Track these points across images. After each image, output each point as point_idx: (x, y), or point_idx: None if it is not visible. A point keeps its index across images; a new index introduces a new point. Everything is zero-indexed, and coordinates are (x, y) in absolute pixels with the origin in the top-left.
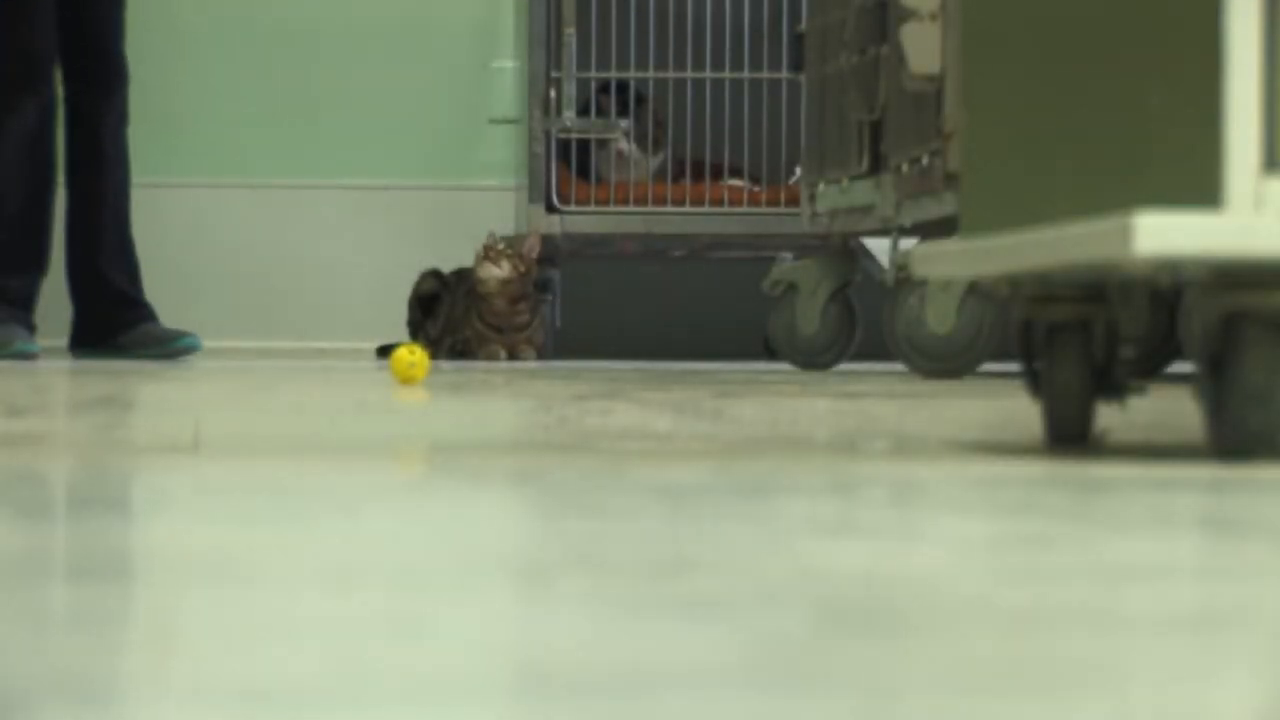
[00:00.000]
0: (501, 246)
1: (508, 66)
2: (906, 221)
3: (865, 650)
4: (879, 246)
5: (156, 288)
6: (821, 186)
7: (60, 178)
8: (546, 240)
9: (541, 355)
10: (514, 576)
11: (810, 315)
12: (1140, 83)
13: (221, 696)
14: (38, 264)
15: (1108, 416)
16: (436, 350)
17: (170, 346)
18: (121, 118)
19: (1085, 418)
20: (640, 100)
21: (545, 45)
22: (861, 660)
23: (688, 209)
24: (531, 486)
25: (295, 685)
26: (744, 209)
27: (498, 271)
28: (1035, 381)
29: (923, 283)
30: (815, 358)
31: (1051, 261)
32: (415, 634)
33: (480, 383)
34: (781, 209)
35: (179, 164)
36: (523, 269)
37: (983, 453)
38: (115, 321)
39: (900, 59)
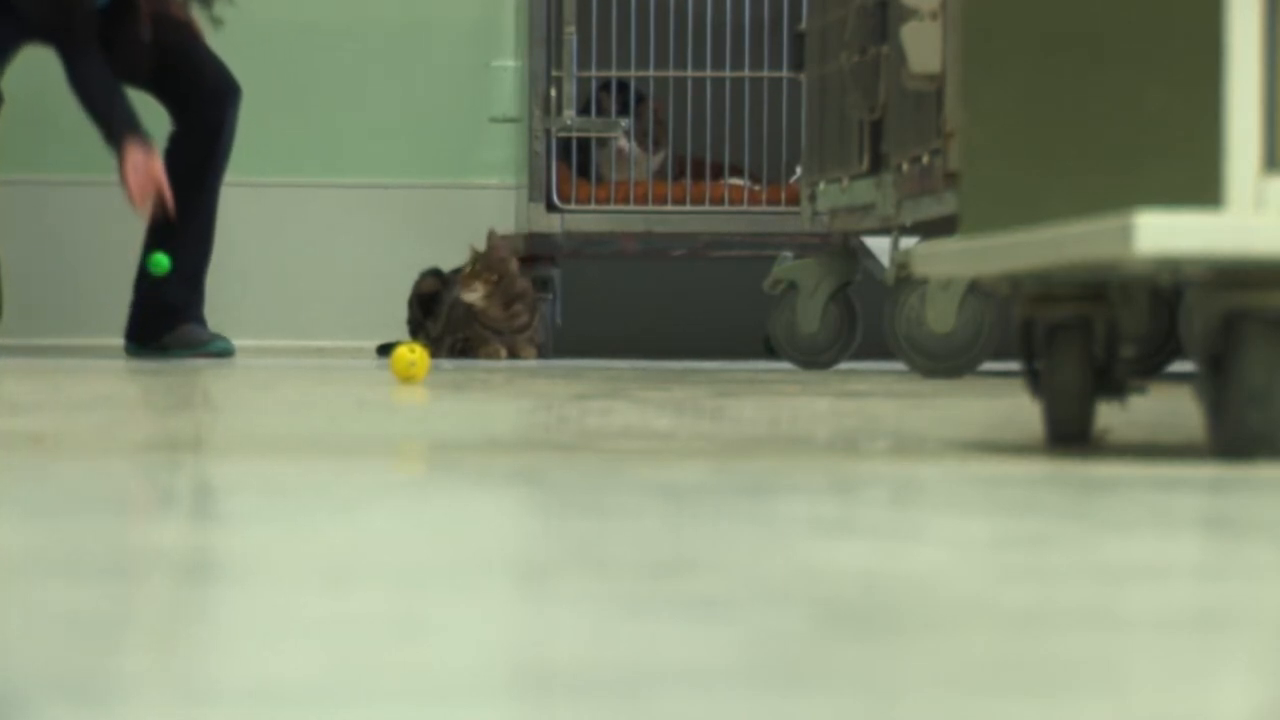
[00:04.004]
0: (469, 269)
1: (508, 65)
2: (907, 220)
3: (865, 650)
4: (879, 245)
5: None
6: (822, 185)
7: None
8: (547, 239)
9: (542, 354)
10: (514, 576)
11: (810, 314)
12: (1140, 83)
13: (222, 696)
14: None
15: (1108, 416)
16: (437, 349)
17: (201, 350)
18: (229, 136)
19: (1085, 417)
20: (640, 99)
21: (545, 44)
22: (861, 660)
23: (688, 208)
24: (531, 486)
25: (295, 685)
26: (744, 208)
27: (473, 295)
28: (1035, 381)
29: (923, 282)
30: (815, 357)
31: (1052, 261)
32: (415, 634)
33: (480, 382)
34: (782, 208)
35: None
36: (495, 278)
37: (983, 452)
38: (164, 323)
39: (900, 58)
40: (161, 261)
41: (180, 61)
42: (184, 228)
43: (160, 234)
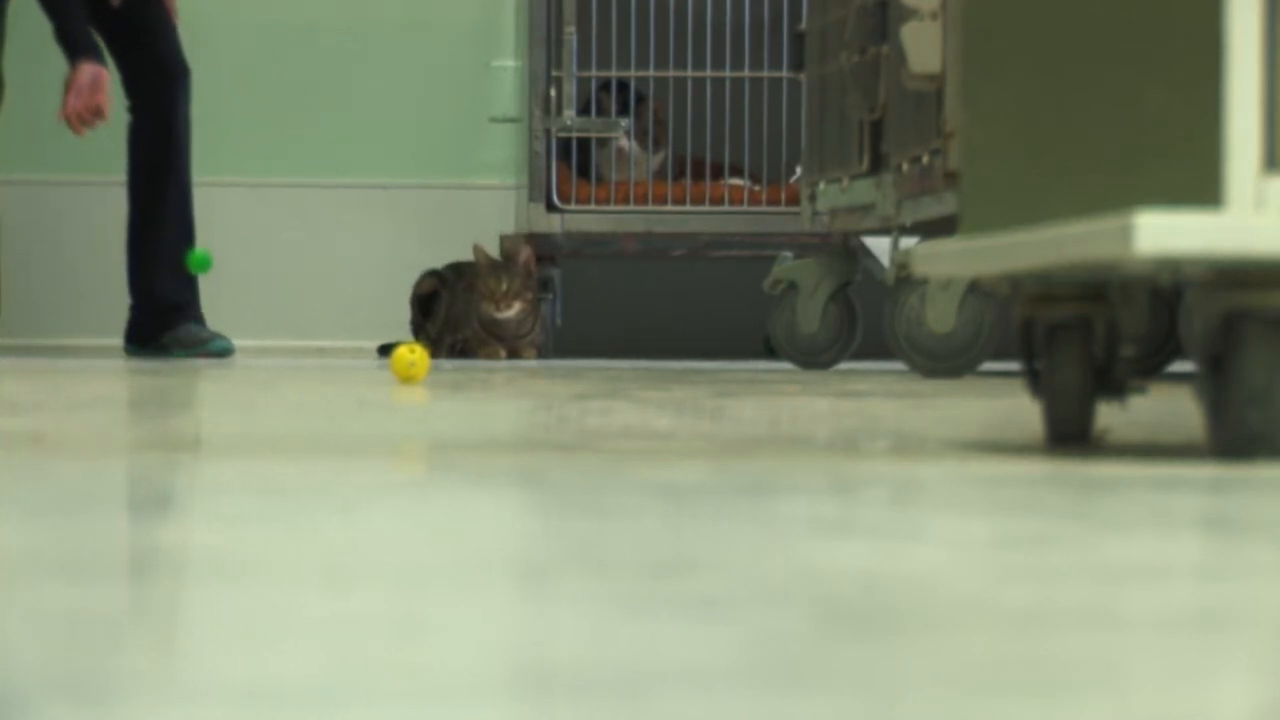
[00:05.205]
0: (505, 288)
1: (508, 66)
2: (907, 220)
3: (865, 650)
4: (879, 245)
5: None
6: (822, 185)
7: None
8: (547, 239)
9: (541, 354)
10: (514, 576)
11: (810, 314)
12: (1140, 83)
13: (222, 696)
14: None
15: (1108, 416)
16: (436, 349)
17: (201, 349)
18: (184, 121)
19: (1085, 417)
20: (640, 99)
21: (545, 44)
22: (861, 660)
23: (688, 208)
24: (531, 486)
25: (295, 685)
26: (744, 208)
27: (511, 313)
28: (1035, 381)
29: (923, 282)
30: (815, 357)
31: (1052, 261)
32: (415, 634)
33: (480, 382)
34: (782, 208)
35: None
36: (530, 298)
37: (983, 452)
38: (162, 323)
39: (900, 58)
40: (202, 259)
41: (142, 32)
42: (160, 220)
43: (141, 229)
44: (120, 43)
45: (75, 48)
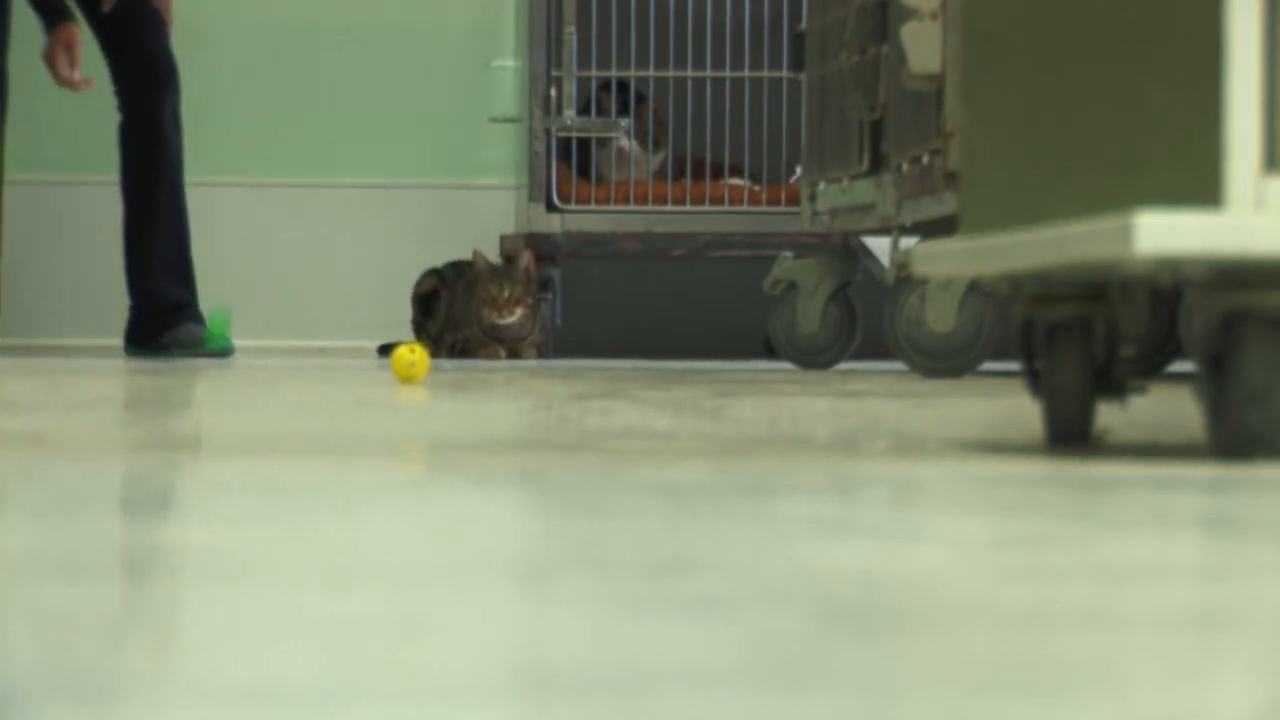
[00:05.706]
0: (507, 294)
1: (508, 65)
2: (907, 220)
3: (865, 650)
4: (879, 245)
5: None
6: (822, 185)
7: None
8: (547, 239)
9: (541, 354)
10: (514, 576)
11: (810, 314)
12: (1140, 83)
13: (221, 696)
14: None
15: (1108, 416)
16: (437, 349)
17: (201, 349)
18: (172, 120)
19: (1086, 417)
20: (640, 99)
21: (546, 44)
22: (861, 660)
23: (688, 208)
24: (531, 486)
25: (295, 685)
26: (744, 208)
27: (512, 318)
28: (1035, 381)
29: (923, 282)
30: (815, 357)
31: (1052, 261)
32: (415, 634)
33: (480, 382)
34: (782, 208)
35: None
36: (531, 302)
37: (983, 452)
38: (162, 323)
39: (900, 58)
40: (220, 324)
41: (134, 34)
42: (154, 220)
43: (136, 230)
44: (112, 43)
45: (60, 11)
